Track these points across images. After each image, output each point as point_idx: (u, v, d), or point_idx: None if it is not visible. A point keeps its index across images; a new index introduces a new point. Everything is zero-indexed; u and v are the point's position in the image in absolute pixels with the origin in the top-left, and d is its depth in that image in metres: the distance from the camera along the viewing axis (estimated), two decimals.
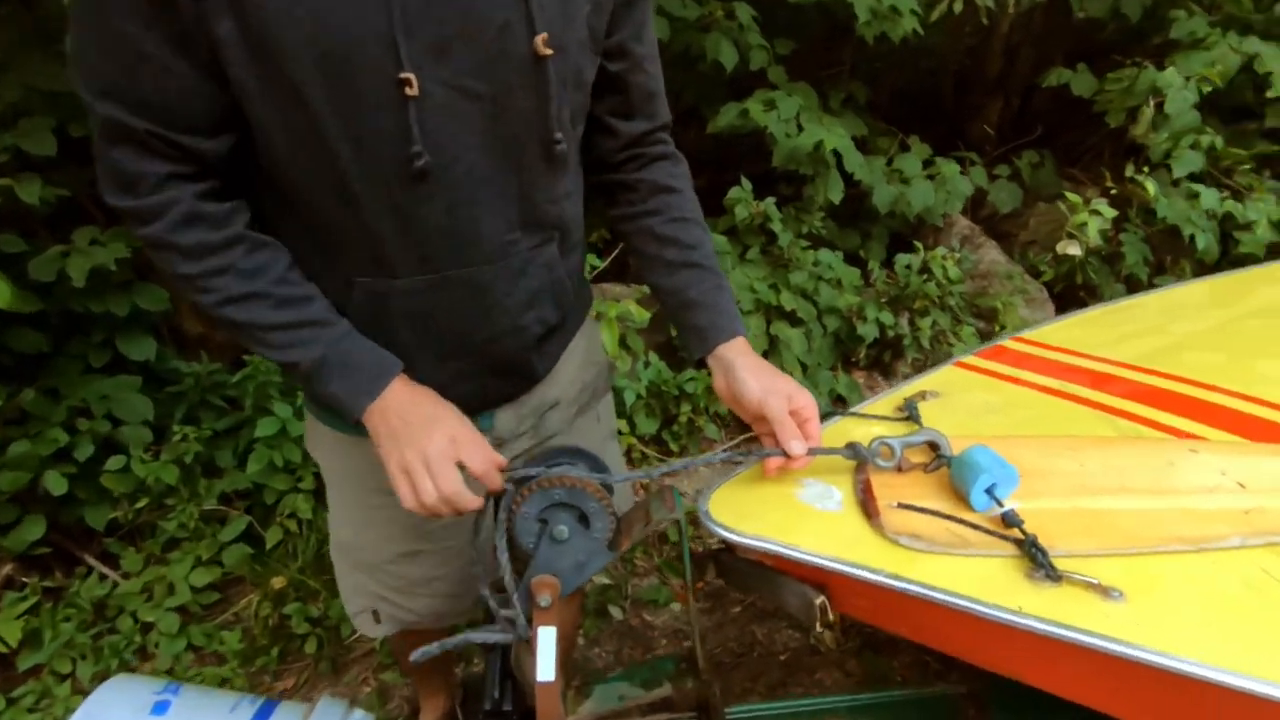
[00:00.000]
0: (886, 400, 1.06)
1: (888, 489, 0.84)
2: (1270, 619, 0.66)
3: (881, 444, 0.86)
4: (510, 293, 0.85)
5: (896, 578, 0.74)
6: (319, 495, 1.79)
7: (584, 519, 0.82)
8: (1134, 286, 2.76)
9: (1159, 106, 2.55)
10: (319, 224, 0.78)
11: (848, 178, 2.55)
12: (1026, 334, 1.21)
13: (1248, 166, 2.63)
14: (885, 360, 2.70)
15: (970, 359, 1.15)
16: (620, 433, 2.02)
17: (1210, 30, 2.68)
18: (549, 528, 0.81)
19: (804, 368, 2.45)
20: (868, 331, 2.46)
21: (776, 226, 2.41)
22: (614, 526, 0.83)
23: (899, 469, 0.86)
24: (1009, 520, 0.76)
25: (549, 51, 0.73)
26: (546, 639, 0.80)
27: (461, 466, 0.78)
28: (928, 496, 0.82)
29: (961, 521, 0.78)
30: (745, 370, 0.86)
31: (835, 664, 1.51)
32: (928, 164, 2.73)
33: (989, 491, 0.78)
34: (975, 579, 0.73)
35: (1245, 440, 0.86)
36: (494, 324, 0.86)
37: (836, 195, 2.47)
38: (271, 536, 1.77)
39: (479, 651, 1.25)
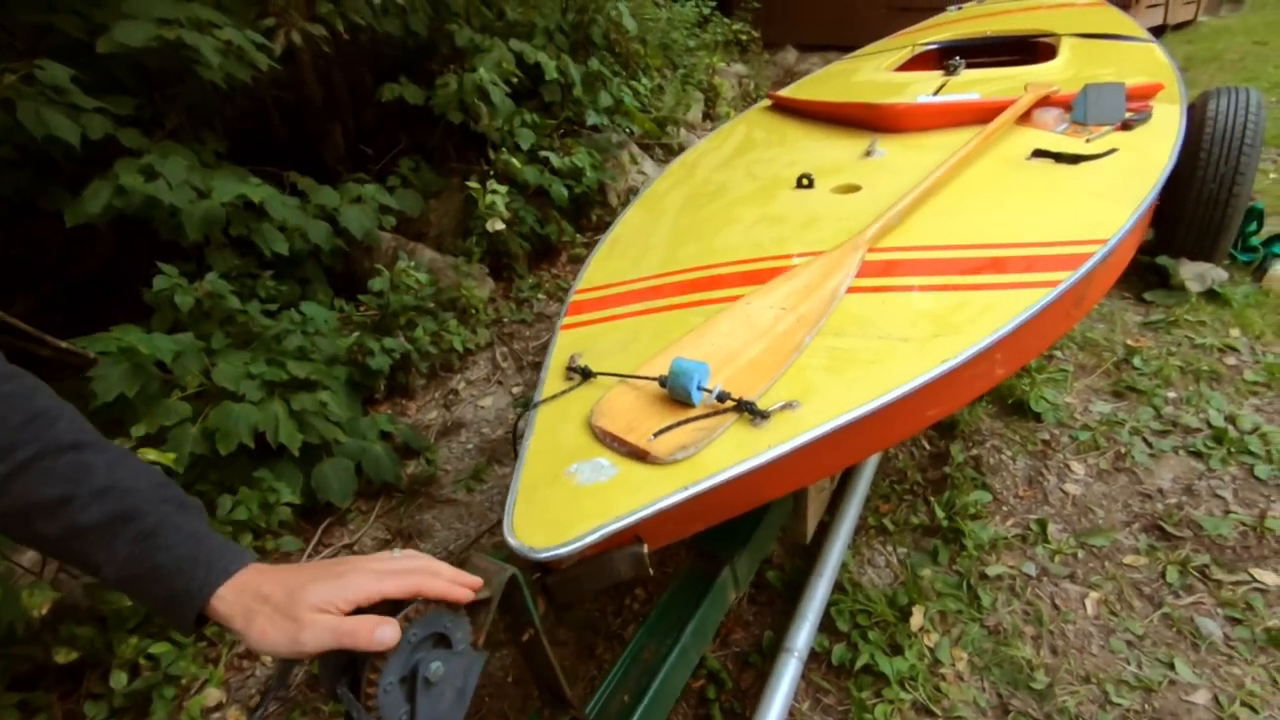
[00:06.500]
0: (549, 380, 1.15)
1: (634, 433, 0.96)
2: (860, 361, 1.05)
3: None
4: None
5: (691, 486, 0.89)
6: None
7: (443, 638, 0.70)
8: (540, 242, 3.40)
9: (485, 100, 3.12)
10: None
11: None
12: (580, 285, 1.45)
13: (561, 131, 3.48)
14: (401, 381, 2.71)
15: (566, 320, 1.33)
16: None
17: (483, 36, 3.36)
18: (417, 679, 0.66)
19: (342, 428, 2.28)
20: (381, 363, 2.42)
21: (232, 302, 2.09)
22: (469, 622, 0.73)
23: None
24: (722, 398, 0.98)
25: None
26: None
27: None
28: (664, 416, 0.98)
29: (699, 418, 0.97)
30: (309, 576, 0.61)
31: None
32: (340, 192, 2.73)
33: (700, 387, 0.98)
34: (731, 451, 0.93)
35: (758, 285, 1.28)
36: None
37: (282, 246, 2.28)
38: None
39: None
